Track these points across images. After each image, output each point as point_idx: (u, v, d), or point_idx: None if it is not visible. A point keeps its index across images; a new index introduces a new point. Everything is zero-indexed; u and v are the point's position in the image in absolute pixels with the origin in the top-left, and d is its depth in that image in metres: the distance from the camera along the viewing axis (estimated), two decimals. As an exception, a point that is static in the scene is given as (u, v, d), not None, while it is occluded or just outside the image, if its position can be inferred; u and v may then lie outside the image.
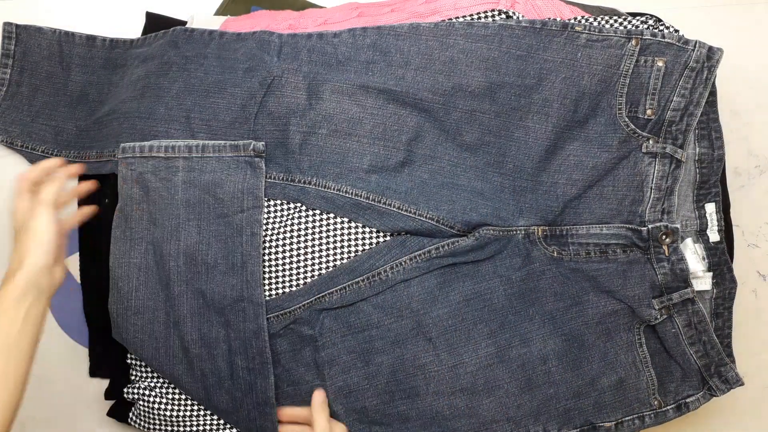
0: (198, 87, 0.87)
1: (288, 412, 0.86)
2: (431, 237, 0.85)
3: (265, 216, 0.86)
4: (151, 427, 0.89)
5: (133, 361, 0.90)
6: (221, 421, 0.89)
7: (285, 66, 0.86)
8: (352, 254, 0.86)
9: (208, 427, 0.89)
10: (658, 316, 0.83)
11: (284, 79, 0.86)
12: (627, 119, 0.83)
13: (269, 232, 0.86)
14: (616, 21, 0.88)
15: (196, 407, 0.89)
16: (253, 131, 0.87)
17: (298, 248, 0.86)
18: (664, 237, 0.82)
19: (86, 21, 1.02)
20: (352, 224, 0.86)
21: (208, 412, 0.89)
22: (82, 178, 0.90)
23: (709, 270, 0.86)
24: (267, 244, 0.86)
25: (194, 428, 0.89)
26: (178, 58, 0.88)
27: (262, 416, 0.85)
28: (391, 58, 0.84)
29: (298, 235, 0.86)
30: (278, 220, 0.87)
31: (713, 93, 0.84)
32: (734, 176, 1.01)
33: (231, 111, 0.87)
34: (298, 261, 0.86)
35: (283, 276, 0.86)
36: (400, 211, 0.85)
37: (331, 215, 0.86)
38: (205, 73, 0.87)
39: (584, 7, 0.92)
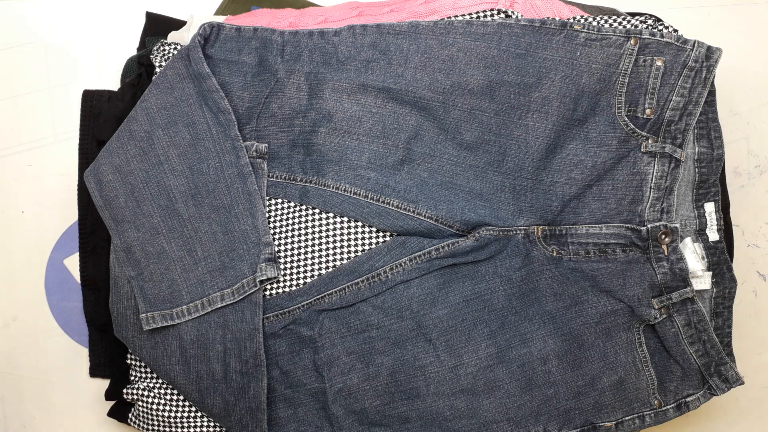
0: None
1: None
2: (430, 237, 0.85)
3: (266, 215, 0.86)
4: (151, 427, 0.89)
5: (133, 362, 0.90)
6: (218, 424, 0.89)
7: (288, 67, 0.86)
8: (352, 255, 0.86)
9: (206, 429, 0.89)
10: (658, 316, 0.83)
11: (287, 80, 0.87)
12: (626, 118, 0.83)
13: (270, 231, 0.86)
14: (615, 20, 0.88)
15: (194, 409, 0.89)
16: (255, 132, 0.87)
17: (299, 248, 0.87)
18: (663, 236, 0.82)
19: (87, 21, 1.03)
20: (353, 224, 0.86)
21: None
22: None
23: (708, 269, 0.86)
24: (266, 244, 0.86)
25: (192, 430, 0.89)
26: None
27: (254, 421, 0.85)
28: (390, 56, 0.85)
29: (299, 235, 0.87)
30: (278, 219, 0.87)
31: (712, 92, 0.84)
32: (734, 176, 1.01)
33: (238, 113, 0.87)
34: (298, 261, 0.86)
35: (283, 275, 0.86)
36: (398, 209, 0.85)
37: (331, 214, 0.86)
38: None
39: (583, 7, 0.92)
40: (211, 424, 0.89)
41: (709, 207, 0.86)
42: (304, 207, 0.87)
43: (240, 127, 0.86)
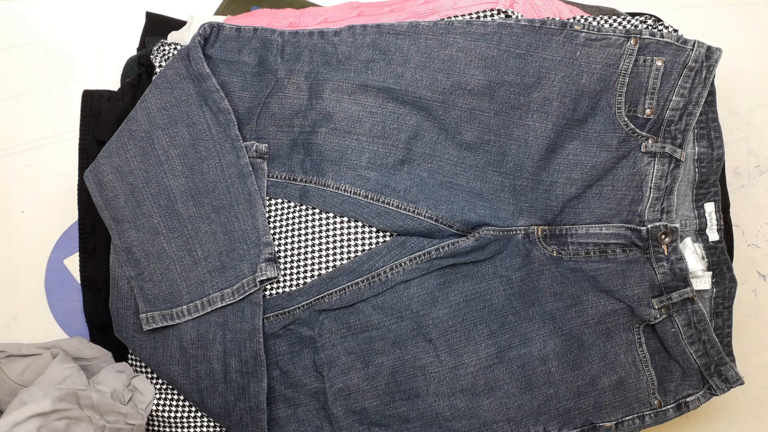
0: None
1: None
2: (430, 237, 0.85)
3: (266, 215, 0.86)
4: (151, 427, 0.89)
5: (133, 362, 0.90)
6: (218, 424, 0.89)
7: (288, 67, 0.87)
8: (352, 255, 0.86)
9: (205, 429, 0.89)
10: (658, 316, 0.83)
11: (287, 80, 0.87)
12: (626, 118, 0.83)
13: (270, 231, 0.86)
14: (615, 20, 0.88)
15: (194, 409, 0.89)
16: (255, 132, 0.87)
17: (299, 248, 0.87)
18: (663, 236, 0.82)
19: (87, 21, 1.03)
20: (353, 224, 0.86)
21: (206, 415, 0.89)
22: None
23: (708, 269, 0.86)
24: (266, 244, 0.86)
25: (192, 430, 0.89)
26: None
27: (254, 422, 0.85)
28: (390, 56, 0.85)
29: (299, 235, 0.87)
30: (278, 219, 0.87)
31: (712, 92, 0.84)
32: (734, 176, 1.01)
33: (238, 113, 0.87)
34: (298, 261, 0.86)
35: (283, 275, 0.86)
36: (398, 209, 0.85)
37: (331, 214, 0.86)
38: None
39: (583, 7, 0.92)
40: (211, 424, 0.89)
41: (709, 207, 0.86)
42: (304, 207, 0.87)
43: (240, 127, 0.86)
